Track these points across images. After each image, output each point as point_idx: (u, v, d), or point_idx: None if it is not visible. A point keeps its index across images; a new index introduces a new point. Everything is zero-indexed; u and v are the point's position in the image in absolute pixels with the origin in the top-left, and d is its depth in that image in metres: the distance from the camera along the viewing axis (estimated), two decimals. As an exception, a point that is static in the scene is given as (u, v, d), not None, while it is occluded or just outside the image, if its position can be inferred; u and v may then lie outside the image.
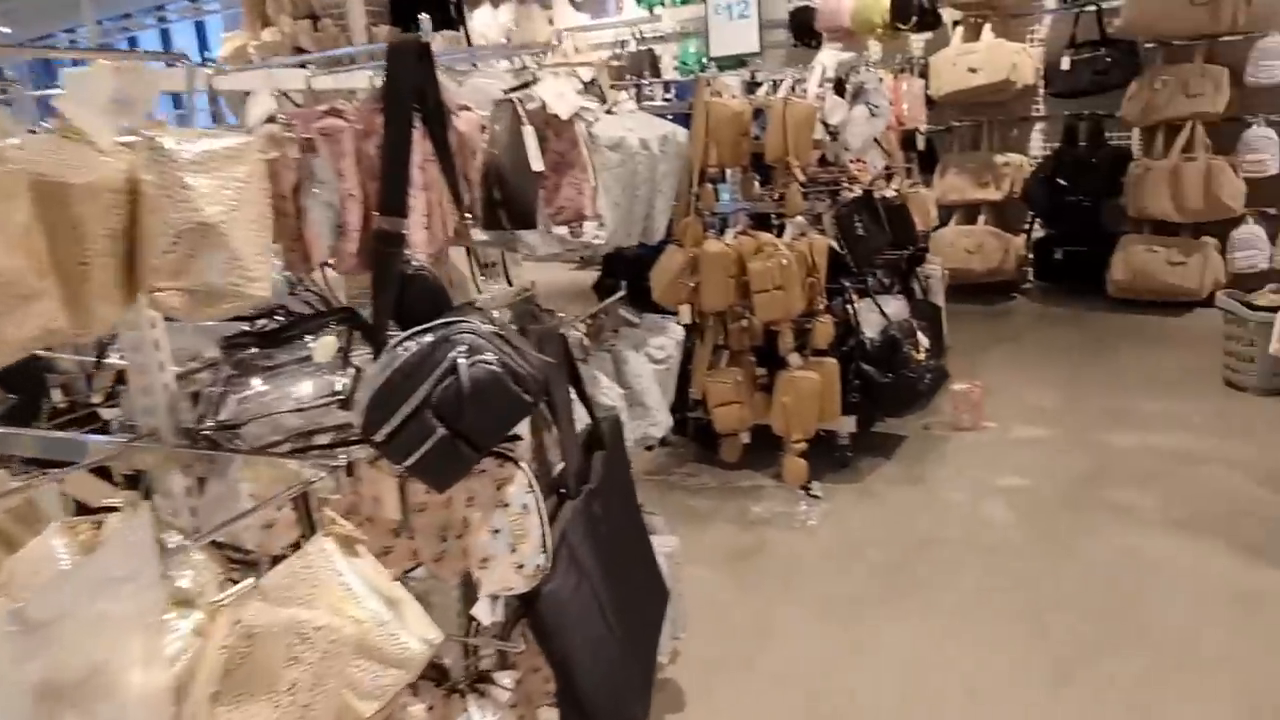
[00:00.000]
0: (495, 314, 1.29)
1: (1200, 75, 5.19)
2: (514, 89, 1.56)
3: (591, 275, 5.74)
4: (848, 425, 3.66)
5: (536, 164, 1.51)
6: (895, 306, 3.74)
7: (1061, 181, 5.72)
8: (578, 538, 1.55)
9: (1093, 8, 5.73)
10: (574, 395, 1.69)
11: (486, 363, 1.20)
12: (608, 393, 2.03)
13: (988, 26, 5.83)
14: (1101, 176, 5.64)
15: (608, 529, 1.67)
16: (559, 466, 1.60)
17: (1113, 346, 5.01)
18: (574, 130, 1.64)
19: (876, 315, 3.63)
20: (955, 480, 3.56)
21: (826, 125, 3.53)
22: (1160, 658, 2.42)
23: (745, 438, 3.62)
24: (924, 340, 3.70)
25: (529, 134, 1.51)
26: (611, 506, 1.72)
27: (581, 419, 1.73)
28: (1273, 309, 3.97)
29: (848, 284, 3.66)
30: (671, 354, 2.24)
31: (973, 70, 5.72)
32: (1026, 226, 6.14)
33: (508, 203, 1.47)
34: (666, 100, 3.97)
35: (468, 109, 1.53)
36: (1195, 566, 2.83)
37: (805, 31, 6.58)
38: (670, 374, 2.26)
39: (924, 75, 6.06)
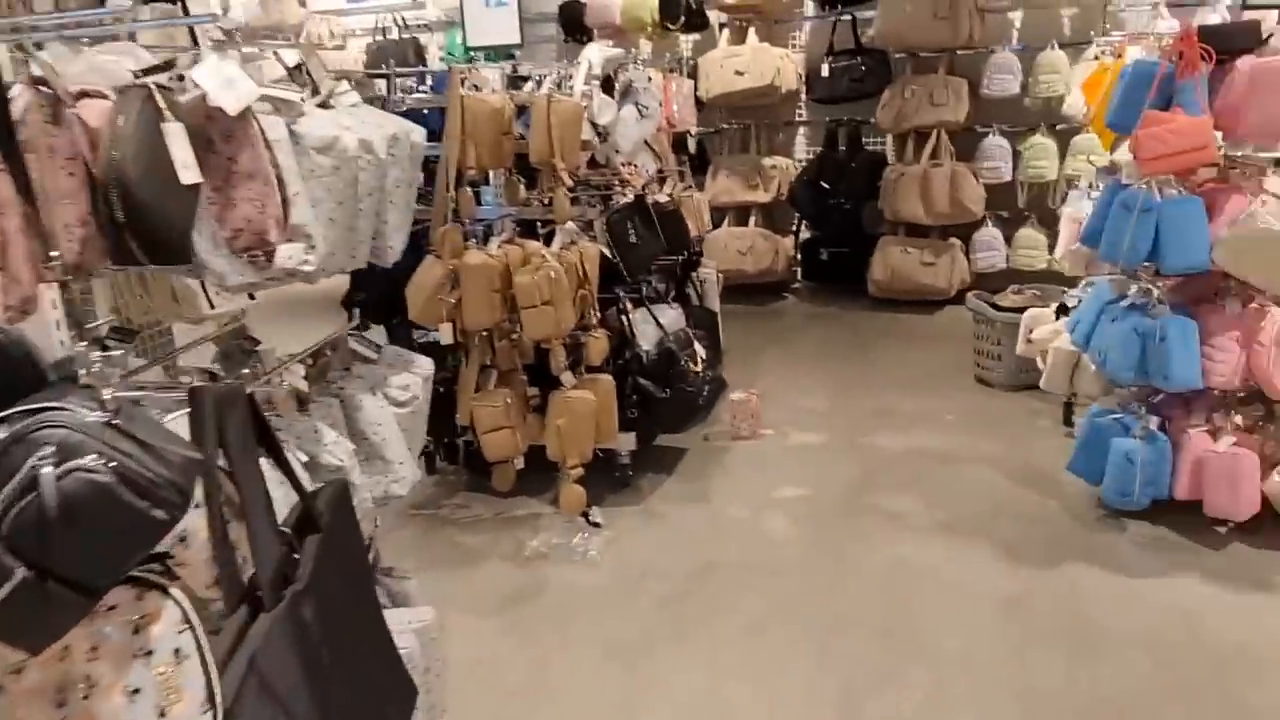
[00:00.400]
0: (109, 393, 0.90)
1: (944, 86, 5.45)
2: (150, 71, 1.14)
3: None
4: (627, 443, 3.45)
5: (187, 175, 1.11)
6: (671, 316, 3.56)
7: (824, 185, 5.84)
8: (273, 660, 1.18)
9: (848, 17, 5.89)
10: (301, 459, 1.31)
11: (87, 470, 0.82)
12: (334, 450, 1.65)
13: (752, 30, 5.84)
14: (860, 180, 5.81)
15: (323, 633, 1.31)
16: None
17: (875, 345, 5.14)
18: (250, 129, 1.25)
19: (652, 327, 3.44)
20: (737, 494, 3.44)
21: (595, 125, 3.28)
22: (942, 677, 2.37)
23: (519, 463, 3.31)
24: (701, 351, 3.55)
25: (174, 133, 1.11)
26: (330, 603, 1.36)
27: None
28: (1016, 309, 4.18)
29: (622, 294, 3.44)
30: (418, 394, 1.89)
31: (739, 73, 5.71)
32: (794, 228, 6.25)
33: (135, 227, 1.07)
34: (423, 94, 3.58)
35: (96, 95, 1.11)
36: (962, 574, 2.84)
37: (575, 27, 6.33)
38: (418, 416, 1.91)
39: (693, 77, 6.00)
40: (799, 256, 6.25)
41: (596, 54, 3.29)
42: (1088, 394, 3.51)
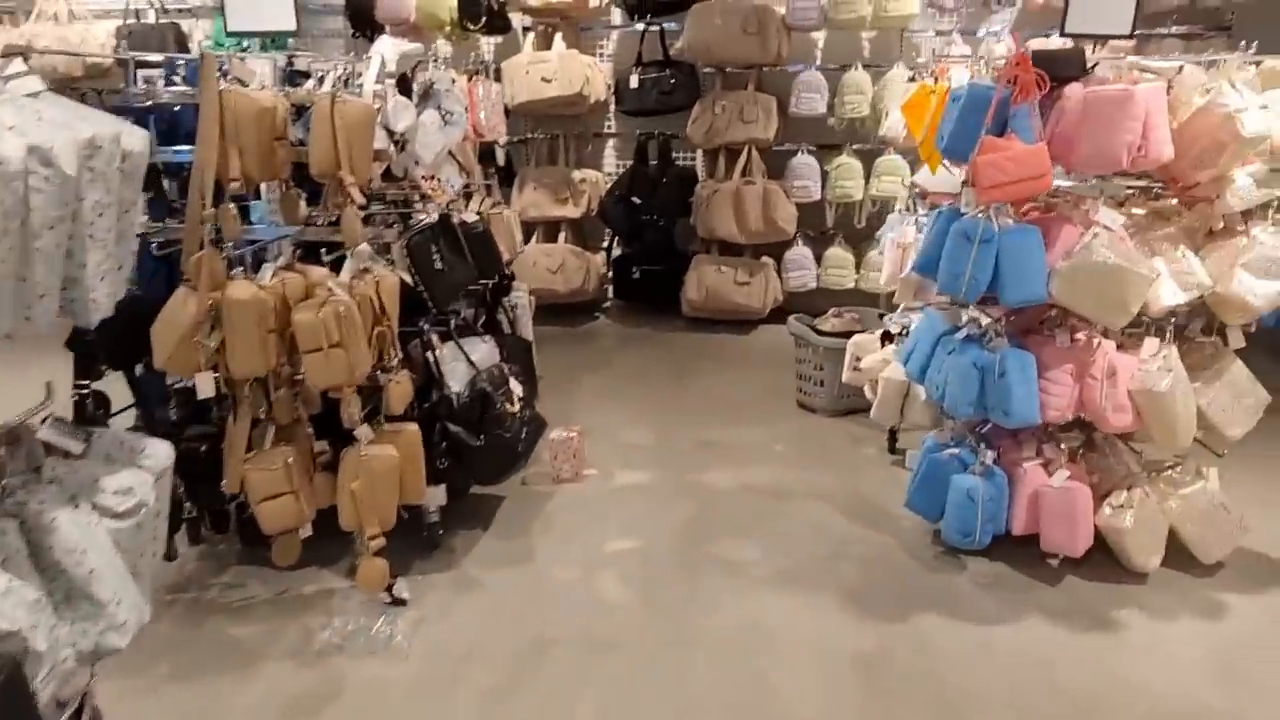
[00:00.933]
0: None
1: (753, 102, 5.31)
2: None
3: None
4: (437, 498, 2.96)
5: None
6: (483, 351, 3.10)
7: (636, 200, 5.56)
8: None
9: (656, 28, 5.65)
10: None
11: None
12: (5, 601, 1.10)
13: (559, 36, 5.46)
14: (672, 196, 5.58)
15: None
16: None
17: (694, 369, 4.91)
18: None
19: (463, 364, 2.97)
20: (563, 551, 3.04)
21: (390, 132, 2.77)
22: (807, 767, 2.09)
23: (306, 530, 2.74)
24: (518, 388, 3.12)
25: None
26: None
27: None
28: (839, 334, 4.05)
29: (426, 327, 2.95)
30: (146, 499, 1.35)
31: (546, 80, 5.32)
32: (605, 245, 5.93)
33: None
34: (176, 86, 2.91)
35: None
36: (812, 631, 2.60)
37: (364, 21, 5.69)
38: (145, 530, 1.37)
39: (498, 82, 5.55)
40: (610, 274, 5.94)
41: (390, 48, 2.79)
42: (918, 424, 3.40)
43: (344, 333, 2.39)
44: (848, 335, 3.99)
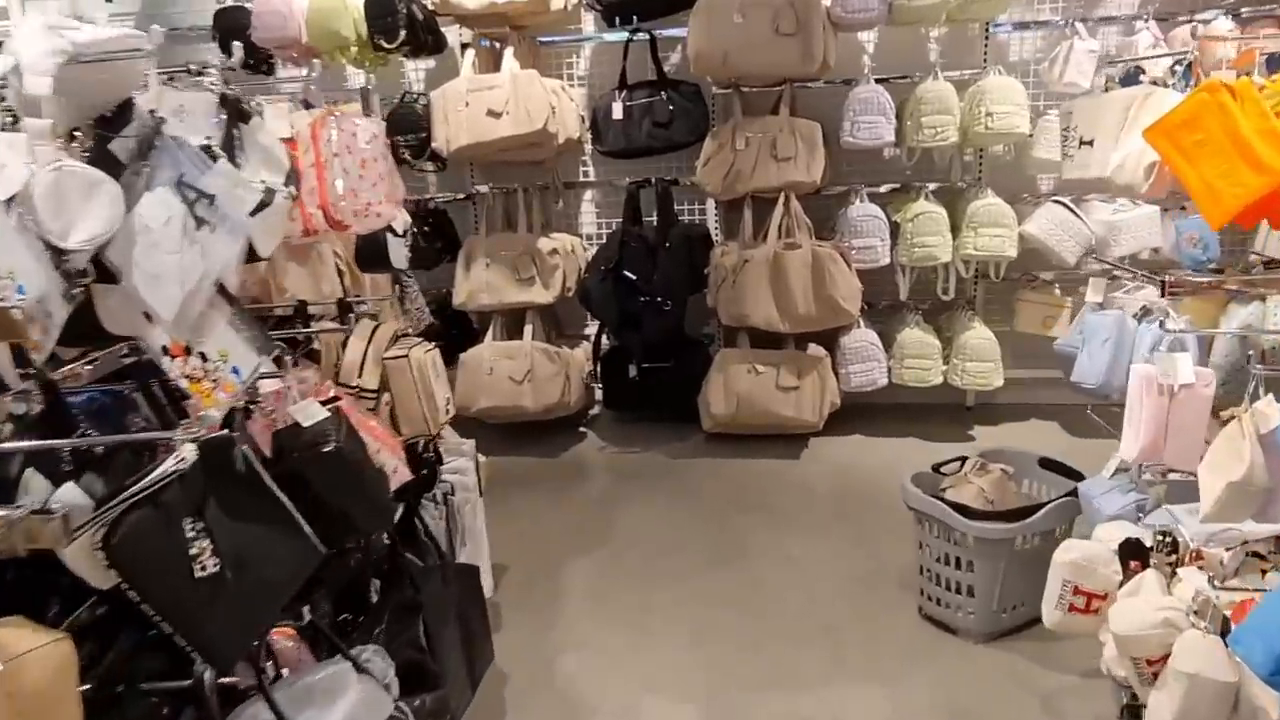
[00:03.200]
0: None
1: (789, 132, 3.64)
2: None
3: None
4: None
5: None
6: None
7: (628, 275, 3.85)
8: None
9: (644, 36, 3.98)
10: None
11: None
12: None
13: (509, 53, 3.77)
14: (679, 266, 3.87)
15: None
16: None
17: (734, 535, 3.16)
18: None
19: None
20: None
21: (56, 250, 1.06)
22: None
23: None
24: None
25: None
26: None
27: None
28: (996, 515, 2.34)
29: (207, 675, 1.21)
30: None
31: (495, 114, 3.62)
32: (590, 336, 4.21)
33: None
34: None
35: None
36: None
37: (242, 46, 3.98)
38: None
39: (421, 120, 3.87)
40: (599, 375, 4.21)
41: (36, 41, 1.06)
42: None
43: None
44: (1013, 514, 2.28)
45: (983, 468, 2.54)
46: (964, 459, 2.62)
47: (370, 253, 1.95)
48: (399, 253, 1.99)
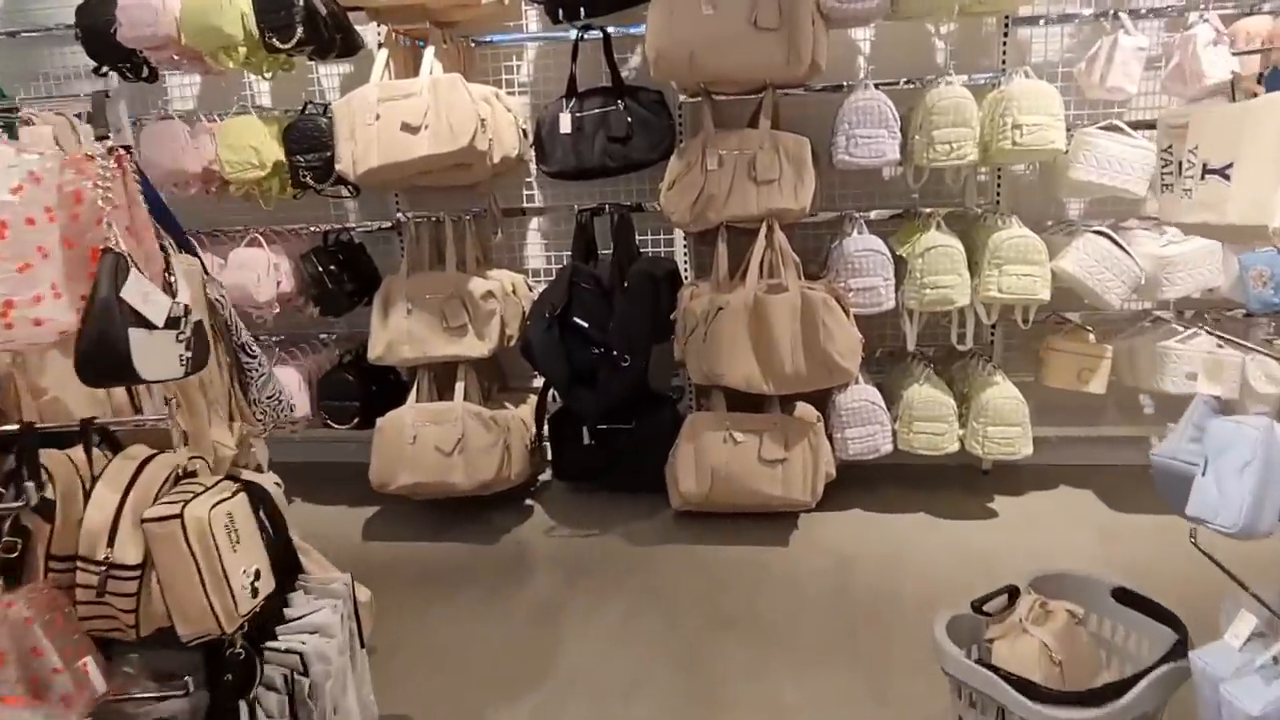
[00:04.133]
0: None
1: (771, 148, 2.94)
2: None
3: None
4: None
5: None
6: None
7: (579, 321, 3.15)
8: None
9: (597, 33, 3.29)
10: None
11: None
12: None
13: (430, 53, 3.06)
14: (640, 311, 3.17)
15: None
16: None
17: (713, 672, 2.44)
18: None
19: None
20: None
21: None
22: None
23: None
24: None
25: None
26: None
27: None
28: (1073, 696, 1.63)
29: None
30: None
31: (411, 129, 2.90)
32: (536, 395, 3.49)
33: None
34: None
35: None
36: None
37: (106, 50, 3.26)
38: None
39: (325, 136, 3.17)
40: (546, 437, 3.49)
41: None
42: None
43: None
44: (1099, 695, 1.58)
45: (1042, 607, 1.84)
46: (1012, 591, 1.93)
47: (97, 355, 1.17)
48: (155, 356, 1.24)
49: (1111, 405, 3.46)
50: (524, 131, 3.37)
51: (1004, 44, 3.15)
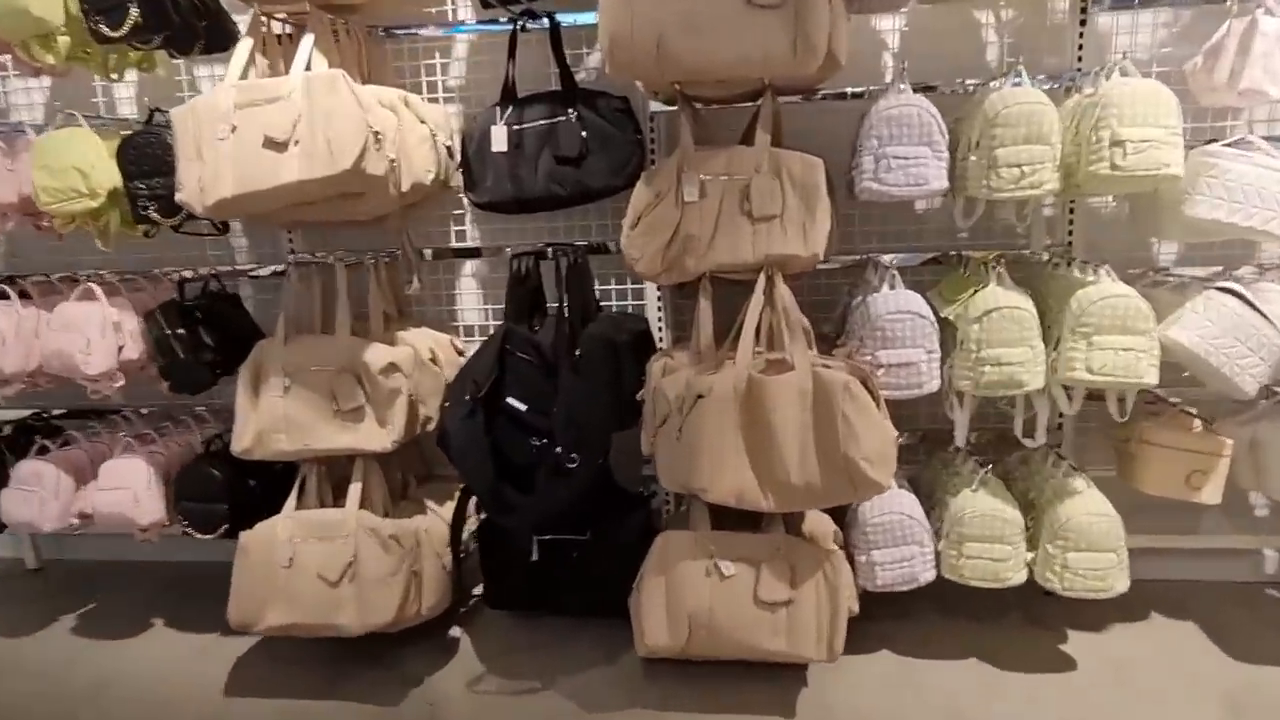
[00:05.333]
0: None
1: (771, 173, 2.10)
2: None
3: None
4: None
5: None
6: None
7: (514, 403, 2.31)
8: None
9: (540, 24, 2.47)
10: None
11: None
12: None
13: (308, 43, 2.23)
14: (596, 389, 2.33)
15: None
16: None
17: None
18: None
19: None
20: None
21: None
22: None
23: None
24: None
25: None
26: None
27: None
28: None
29: None
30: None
31: (276, 145, 2.07)
32: (455, 499, 2.62)
33: None
34: None
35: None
36: None
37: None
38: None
39: (170, 155, 2.33)
40: (476, 556, 2.64)
41: None
42: None
43: None
44: None
45: None
46: None
47: None
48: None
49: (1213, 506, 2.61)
50: (448, 149, 2.54)
51: (1079, 35, 2.33)
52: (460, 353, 2.70)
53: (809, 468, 2.03)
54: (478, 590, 2.79)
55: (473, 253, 2.79)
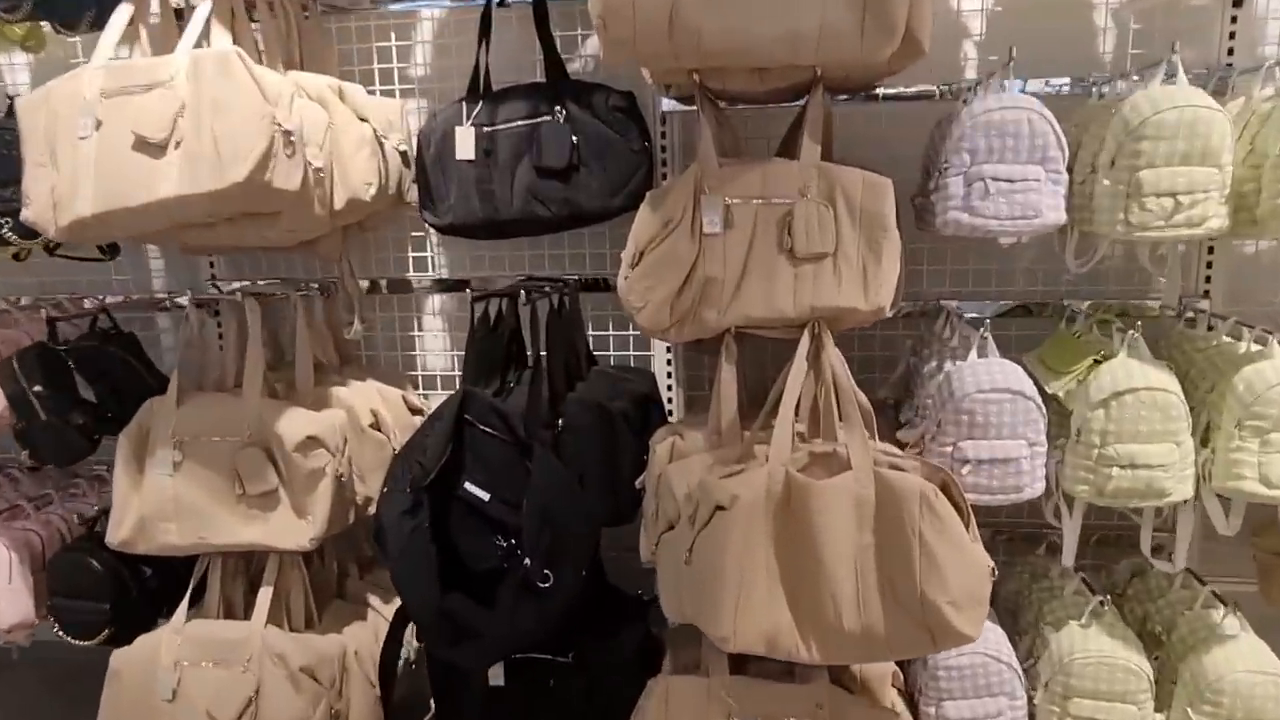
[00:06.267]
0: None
1: (821, 196, 1.52)
2: None
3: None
4: None
5: None
6: None
7: (474, 490, 1.73)
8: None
9: (521, 1, 1.90)
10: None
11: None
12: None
13: (204, 11, 1.66)
14: (589, 467, 1.76)
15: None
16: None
17: None
18: None
19: None
20: None
21: None
22: None
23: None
24: None
25: None
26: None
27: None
28: None
29: None
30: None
31: (152, 146, 1.51)
32: (390, 619, 2.04)
33: None
34: None
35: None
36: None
37: None
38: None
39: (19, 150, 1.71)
40: (427, 681, 2.05)
41: None
42: None
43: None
44: None
45: None
46: None
47: None
48: None
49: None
50: (404, 155, 1.98)
51: (1231, 23, 1.74)
52: (417, 410, 2.12)
53: (870, 609, 1.44)
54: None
55: (438, 286, 2.21)
